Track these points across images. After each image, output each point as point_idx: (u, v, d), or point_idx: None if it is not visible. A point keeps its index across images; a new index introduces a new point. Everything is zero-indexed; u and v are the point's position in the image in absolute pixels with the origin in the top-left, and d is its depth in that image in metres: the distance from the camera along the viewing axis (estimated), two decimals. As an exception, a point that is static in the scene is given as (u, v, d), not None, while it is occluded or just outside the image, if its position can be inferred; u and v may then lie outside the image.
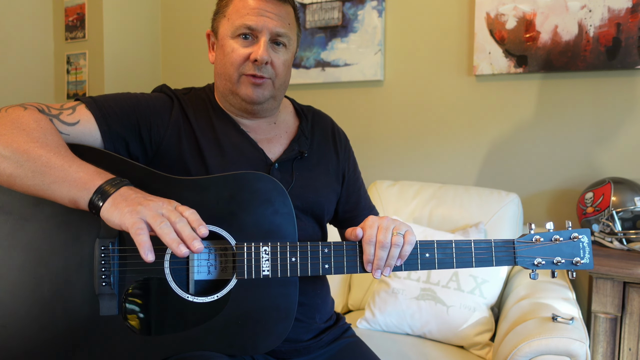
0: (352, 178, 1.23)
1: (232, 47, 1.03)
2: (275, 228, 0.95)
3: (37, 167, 0.83)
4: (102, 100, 0.99)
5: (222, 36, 1.05)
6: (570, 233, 0.98)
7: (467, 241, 0.98)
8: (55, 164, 0.84)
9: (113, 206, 0.80)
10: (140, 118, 1.01)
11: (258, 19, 1.01)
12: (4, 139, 0.84)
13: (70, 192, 0.83)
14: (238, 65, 1.03)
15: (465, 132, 2.17)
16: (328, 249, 0.95)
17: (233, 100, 1.08)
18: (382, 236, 0.94)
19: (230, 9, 1.04)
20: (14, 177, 0.84)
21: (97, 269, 0.89)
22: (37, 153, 0.84)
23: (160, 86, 1.12)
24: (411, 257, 0.97)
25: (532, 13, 1.97)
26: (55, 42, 2.94)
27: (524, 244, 0.98)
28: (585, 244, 0.98)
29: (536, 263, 0.98)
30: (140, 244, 0.77)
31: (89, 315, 0.89)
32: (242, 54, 1.02)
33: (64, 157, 0.85)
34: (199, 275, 0.96)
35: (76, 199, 0.83)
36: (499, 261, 0.97)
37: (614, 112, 1.90)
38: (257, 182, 0.94)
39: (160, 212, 0.80)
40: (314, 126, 1.19)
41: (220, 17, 1.06)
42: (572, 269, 0.99)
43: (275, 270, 0.93)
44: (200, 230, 0.81)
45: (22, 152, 0.83)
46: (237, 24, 1.02)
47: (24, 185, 0.84)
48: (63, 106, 0.96)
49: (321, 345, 1.13)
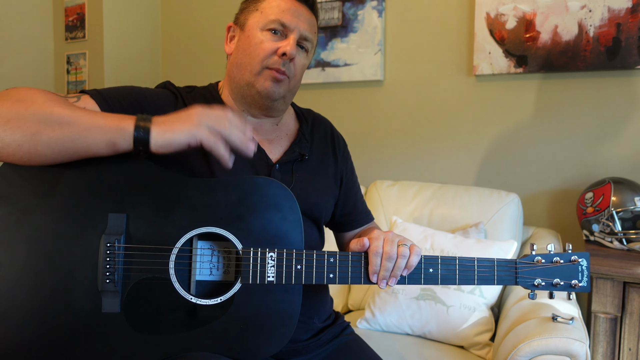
0: (349, 182, 1.24)
1: (260, 38, 1.04)
2: (282, 234, 0.94)
3: (63, 119, 0.83)
4: (106, 92, 0.99)
5: (250, 27, 1.06)
6: (570, 256, 1.00)
7: (470, 259, 0.99)
8: (79, 114, 0.84)
9: (164, 129, 0.85)
10: (145, 111, 1.01)
11: (292, 18, 1.04)
12: (22, 104, 0.83)
13: (107, 135, 0.84)
14: (264, 57, 1.03)
15: (465, 132, 2.17)
16: (334, 258, 0.95)
17: (247, 92, 1.07)
18: (389, 247, 0.95)
19: (265, 4, 1.06)
20: (40, 133, 0.82)
21: (101, 265, 0.88)
22: (59, 109, 0.84)
23: (164, 82, 1.12)
24: (415, 271, 0.98)
25: (532, 13, 1.97)
26: (55, 42, 2.94)
27: (526, 264, 1.00)
28: (584, 267, 1.00)
29: (536, 284, 1.00)
30: (223, 156, 0.87)
31: (90, 312, 0.89)
32: (271, 47, 1.03)
33: (85, 110, 0.86)
34: (202, 275, 0.96)
35: (114, 140, 0.84)
36: (500, 280, 0.99)
37: (614, 112, 1.90)
38: (267, 188, 0.94)
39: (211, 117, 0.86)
40: (314, 130, 1.20)
41: (252, 10, 1.07)
42: (570, 291, 1.01)
43: (280, 276, 0.93)
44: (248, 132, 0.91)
45: (43, 109, 0.83)
46: (271, 18, 1.04)
47: (51, 140, 0.82)
48: (67, 95, 0.95)
49: (320, 344, 1.13)
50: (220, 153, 0.87)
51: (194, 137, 0.85)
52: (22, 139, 0.82)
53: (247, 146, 0.89)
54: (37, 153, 0.83)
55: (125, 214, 0.90)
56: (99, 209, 0.90)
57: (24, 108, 0.83)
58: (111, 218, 0.89)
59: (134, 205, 0.91)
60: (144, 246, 0.90)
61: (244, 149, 0.89)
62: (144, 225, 0.91)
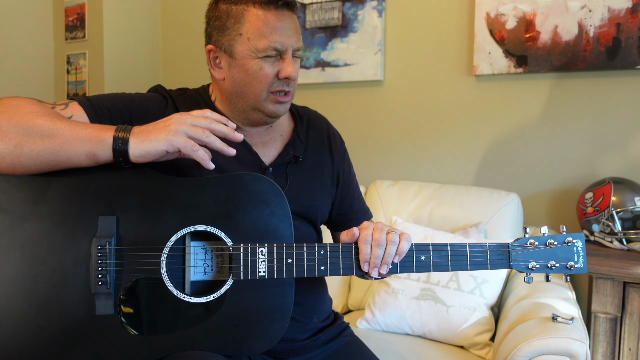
0: (346, 180, 1.23)
1: (258, 66, 1.01)
2: (272, 229, 0.95)
3: (44, 131, 0.85)
4: (95, 99, 1.00)
5: (242, 56, 1.01)
6: (564, 237, 0.98)
7: (462, 244, 0.98)
8: (60, 126, 0.86)
9: (141, 139, 0.86)
10: (134, 116, 1.02)
11: (282, 38, 1.01)
12: (4, 115, 0.86)
13: (86, 147, 0.86)
14: (267, 84, 1.03)
15: (465, 132, 2.17)
16: (324, 250, 0.95)
17: (253, 116, 1.07)
18: (378, 234, 0.95)
19: (247, 28, 1.00)
20: (22, 145, 0.85)
21: (93, 268, 0.89)
22: (41, 120, 0.86)
23: (155, 86, 1.12)
24: (407, 259, 0.97)
25: (532, 13, 1.97)
26: (55, 42, 2.94)
27: (519, 247, 0.98)
28: (579, 248, 0.98)
29: (530, 267, 0.98)
30: (202, 159, 0.87)
31: (85, 315, 0.89)
32: (272, 72, 1.02)
33: (67, 121, 0.88)
34: (195, 276, 0.96)
35: (94, 152, 0.86)
36: (494, 265, 0.98)
37: (614, 112, 1.90)
38: (254, 184, 0.95)
39: (189, 122, 0.88)
40: (309, 129, 1.19)
41: (234, 35, 1.01)
42: (566, 273, 0.99)
43: (271, 271, 0.93)
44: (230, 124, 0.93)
45: (25, 121, 0.85)
46: (262, 46, 1.00)
47: (33, 152, 0.85)
48: (56, 102, 0.97)
49: (318, 344, 1.13)
50: (199, 157, 0.88)
51: (170, 145, 0.86)
52: (5, 150, 0.85)
53: (228, 149, 0.91)
54: (21, 164, 0.86)
55: (115, 217, 0.91)
56: (89, 213, 0.90)
57: (7, 119, 0.85)
58: (101, 221, 0.90)
59: (123, 208, 0.91)
60: (134, 247, 0.91)
61: (224, 151, 0.90)
62: (134, 227, 0.91)
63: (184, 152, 0.87)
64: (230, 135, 0.91)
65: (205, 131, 0.88)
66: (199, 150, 0.87)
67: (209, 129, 0.89)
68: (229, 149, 0.91)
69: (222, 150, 0.90)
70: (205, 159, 0.88)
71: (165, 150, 0.86)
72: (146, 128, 0.88)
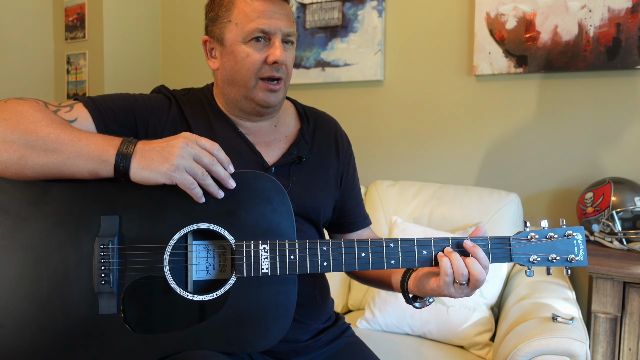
0: (350, 183, 1.22)
1: (246, 52, 1.02)
2: (274, 226, 0.95)
3: (47, 145, 0.85)
4: (99, 100, 1.00)
5: (231, 42, 1.03)
6: (564, 230, 0.99)
7: (463, 238, 0.98)
8: (64, 139, 0.86)
9: (142, 166, 0.86)
10: (138, 117, 1.02)
11: (270, 21, 1.01)
12: (9, 124, 0.86)
13: (88, 165, 0.86)
14: (255, 70, 1.02)
15: (465, 132, 2.17)
16: (326, 246, 0.95)
17: (246, 105, 1.07)
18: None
19: (236, 14, 1.02)
20: (25, 158, 0.85)
21: (96, 268, 0.89)
22: (45, 131, 0.86)
23: (159, 87, 1.12)
24: (408, 250, 0.96)
25: (532, 13, 1.97)
26: (55, 42, 2.94)
27: (520, 240, 0.99)
28: (579, 241, 0.99)
29: (532, 260, 0.98)
30: (197, 197, 0.89)
31: (88, 314, 0.89)
32: (259, 58, 1.02)
33: (71, 132, 0.88)
34: (198, 275, 0.96)
35: (97, 170, 0.87)
36: (495, 258, 0.98)
37: (614, 112, 1.90)
38: (256, 181, 0.95)
39: (192, 156, 0.87)
40: (316, 130, 1.18)
41: (224, 22, 1.04)
42: (567, 265, 0.99)
43: (274, 268, 0.93)
44: (229, 168, 0.92)
45: (29, 132, 0.85)
46: (249, 29, 1.00)
47: (36, 165, 0.86)
48: (61, 104, 0.97)
49: (319, 345, 1.13)
50: (194, 195, 0.89)
51: (169, 180, 0.87)
52: (9, 161, 0.85)
53: (217, 192, 0.91)
54: (24, 175, 0.87)
55: (118, 216, 0.91)
56: (91, 212, 0.91)
57: (11, 129, 0.85)
58: (104, 220, 0.90)
59: (125, 207, 0.91)
60: (137, 246, 0.91)
61: (213, 193, 0.90)
62: (136, 226, 0.92)
63: (182, 187, 0.88)
64: (224, 181, 0.91)
65: (204, 172, 0.88)
66: (195, 189, 0.88)
67: (209, 170, 0.89)
68: (219, 192, 0.91)
69: (212, 193, 0.90)
70: (200, 196, 0.89)
71: (164, 182, 0.87)
72: (150, 151, 0.87)
